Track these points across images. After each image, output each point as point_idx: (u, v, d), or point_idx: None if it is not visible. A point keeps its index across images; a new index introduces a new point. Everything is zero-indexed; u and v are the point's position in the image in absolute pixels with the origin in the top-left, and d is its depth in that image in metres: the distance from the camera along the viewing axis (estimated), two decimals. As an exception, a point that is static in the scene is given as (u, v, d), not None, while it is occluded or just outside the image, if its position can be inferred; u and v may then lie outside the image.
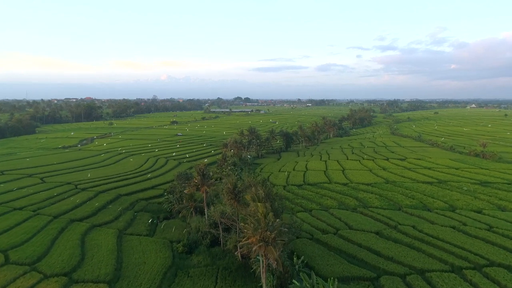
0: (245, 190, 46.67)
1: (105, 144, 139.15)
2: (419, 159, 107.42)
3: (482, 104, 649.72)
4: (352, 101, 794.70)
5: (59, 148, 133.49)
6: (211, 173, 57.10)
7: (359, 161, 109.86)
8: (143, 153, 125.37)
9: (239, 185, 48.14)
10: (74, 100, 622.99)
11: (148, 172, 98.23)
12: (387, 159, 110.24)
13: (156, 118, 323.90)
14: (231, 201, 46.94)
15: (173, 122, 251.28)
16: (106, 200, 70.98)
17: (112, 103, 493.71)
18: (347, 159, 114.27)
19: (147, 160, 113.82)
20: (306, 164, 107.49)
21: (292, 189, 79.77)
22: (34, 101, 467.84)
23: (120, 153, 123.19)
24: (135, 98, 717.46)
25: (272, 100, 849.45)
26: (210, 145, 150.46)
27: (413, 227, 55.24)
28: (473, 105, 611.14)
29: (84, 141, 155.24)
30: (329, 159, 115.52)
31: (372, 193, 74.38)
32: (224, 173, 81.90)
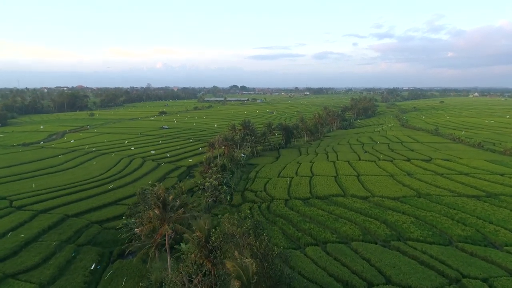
0: (226, 244, 27.58)
1: (72, 141, 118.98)
2: (448, 160, 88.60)
3: (484, 92, 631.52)
4: (350, 90, 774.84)
5: (17, 145, 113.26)
6: (177, 201, 37.72)
7: (375, 162, 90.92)
8: (116, 151, 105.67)
9: (215, 236, 28.98)
10: (65, 88, 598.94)
11: (117, 178, 78.91)
12: (409, 160, 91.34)
13: (145, 108, 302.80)
14: (203, 260, 27.89)
15: (161, 113, 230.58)
16: (43, 225, 51.76)
17: (102, 91, 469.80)
18: (359, 159, 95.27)
19: (119, 161, 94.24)
20: (311, 166, 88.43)
21: (297, 206, 60.76)
22: (17, 90, 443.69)
23: (88, 152, 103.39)
24: (128, 87, 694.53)
25: (269, 88, 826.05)
26: (198, 140, 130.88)
27: (485, 281, 36.55)
28: (476, 94, 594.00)
29: (54, 136, 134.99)
30: (337, 159, 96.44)
31: (404, 213, 55.51)
32: (207, 183, 62.66)
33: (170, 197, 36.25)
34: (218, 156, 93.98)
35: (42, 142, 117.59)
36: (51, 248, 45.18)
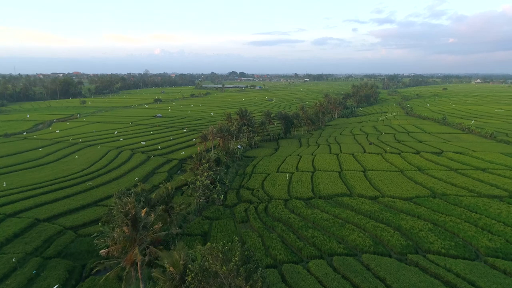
0: (207, 286, 20.85)
1: (57, 131, 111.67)
2: (460, 154, 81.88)
3: (487, 79, 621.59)
4: (350, 76, 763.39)
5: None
6: (151, 216, 30.85)
7: (381, 155, 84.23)
8: (104, 143, 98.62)
9: (192, 275, 22.17)
10: (61, 75, 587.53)
11: (102, 174, 72.17)
12: (418, 153, 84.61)
13: (140, 95, 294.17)
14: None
15: (156, 100, 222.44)
16: (8, 233, 45.17)
17: (98, 78, 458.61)
18: (365, 152, 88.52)
19: (106, 153, 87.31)
20: (313, 160, 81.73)
21: (298, 208, 54.16)
22: (10, 76, 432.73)
23: (73, 144, 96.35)
24: (126, 73, 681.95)
25: (268, 75, 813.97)
26: (193, 130, 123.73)
27: (528, 311, 30.20)
28: (478, 80, 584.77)
29: (40, 126, 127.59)
30: (341, 151, 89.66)
31: (419, 217, 49.01)
32: (198, 182, 55.84)
33: (143, 212, 29.46)
34: (212, 148, 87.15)
35: (25, 133, 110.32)
36: (11, 264, 38.61)
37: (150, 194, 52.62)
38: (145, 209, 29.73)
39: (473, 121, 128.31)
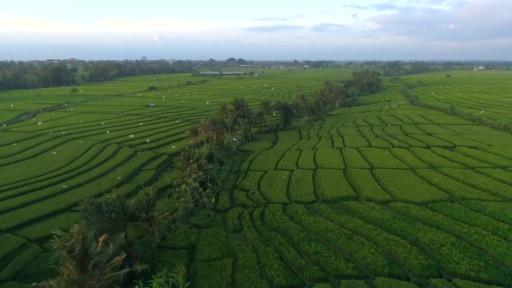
0: None
1: (40, 123, 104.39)
2: (475, 148, 75.22)
3: (489, 66, 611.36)
4: (351, 63, 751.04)
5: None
6: (110, 247, 24.05)
7: (389, 149, 77.57)
8: (89, 136, 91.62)
9: None
10: (56, 61, 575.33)
11: (82, 172, 65.46)
12: (428, 147, 77.93)
13: (136, 82, 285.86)
14: None
15: (150, 88, 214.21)
16: (-40, 249, 38.60)
17: (93, 65, 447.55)
18: (370, 146, 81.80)
19: (90, 148, 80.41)
20: (315, 155, 75.07)
21: (298, 214, 47.62)
22: (2, 63, 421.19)
23: (56, 137, 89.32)
24: (123, 60, 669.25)
25: (267, 61, 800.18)
26: (187, 121, 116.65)
27: None
28: (481, 67, 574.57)
29: (24, 116, 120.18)
30: (344, 145, 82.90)
31: (438, 228, 42.51)
32: (183, 186, 49.10)
33: (99, 242, 22.71)
34: (205, 142, 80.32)
35: (4, 125, 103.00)
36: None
37: (129, 200, 46.07)
38: (102, 237, 23.12)
39: (482, 111, 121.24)
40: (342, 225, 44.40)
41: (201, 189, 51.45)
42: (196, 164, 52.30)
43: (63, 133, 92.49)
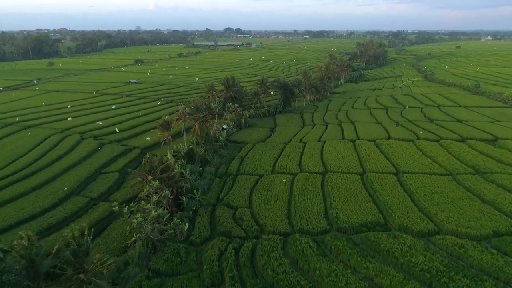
0: None
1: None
2: (523, 142, 59.98)
3: (497, 35, 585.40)
4: (352, 33, 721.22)
5: None
6: None
7: (413, 142, 62.35)
8: (49, 123, 75.81)
9: None
10: (45, 31, 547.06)
11: (20, 179, 50.22)
12: (463, 140, 62.62)
13: (124, 54, 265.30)
14: None
15: (136, 61, 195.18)
16: None
17: (80, 35, 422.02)
18: (389, 137, 66.29)
19: (43, 141, 64.79)
20: (322, 151, 59.84)
21: (305, 256, 32.91)
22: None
23: (6, 125, 73.45)
24: (116, 30, 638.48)
25: (266, 31, 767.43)
26: (171, 101, 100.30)
27: None
28: (489, 37, 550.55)
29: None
30: (357, 136, 67.41)
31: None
32: (137, 216, 33.93)
33: None
34: (185, 134, 64.73)
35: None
36: None
37: (58, 241, 31.12)
38: None
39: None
40: (371, 279, 29.87)
41: (168, 215, 36.40)
42: (156, 183, 36.57)
43: (17, 119, 76.54)
